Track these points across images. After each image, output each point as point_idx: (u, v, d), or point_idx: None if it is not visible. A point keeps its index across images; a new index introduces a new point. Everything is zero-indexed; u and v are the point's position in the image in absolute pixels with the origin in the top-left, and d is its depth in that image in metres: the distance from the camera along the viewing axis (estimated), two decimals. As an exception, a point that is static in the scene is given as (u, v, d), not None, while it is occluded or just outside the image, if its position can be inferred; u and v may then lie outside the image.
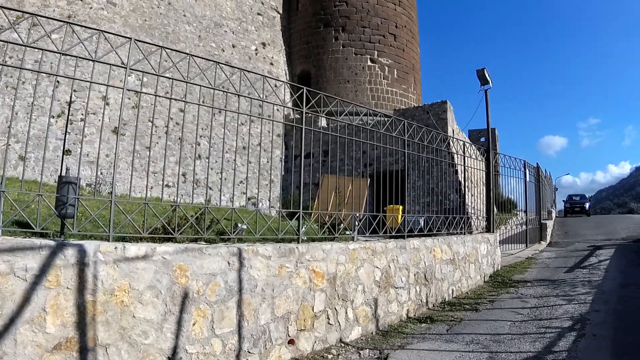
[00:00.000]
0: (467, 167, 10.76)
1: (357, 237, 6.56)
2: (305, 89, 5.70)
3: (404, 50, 26.94)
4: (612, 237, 16.34)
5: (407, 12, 27.85)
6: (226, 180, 17.02)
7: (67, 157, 14.75)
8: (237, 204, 16.22)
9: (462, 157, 10.44)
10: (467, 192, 16.45)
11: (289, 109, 5.76)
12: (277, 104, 5.92)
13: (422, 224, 8.49)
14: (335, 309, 5.37)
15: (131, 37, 4.27)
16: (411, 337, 5.78)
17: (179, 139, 17.40)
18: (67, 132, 15.42)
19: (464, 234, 9.47)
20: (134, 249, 3.59)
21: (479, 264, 9.48)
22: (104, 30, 4.26)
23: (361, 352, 5.20)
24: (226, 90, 5.20)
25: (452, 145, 11.49)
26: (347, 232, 6.77)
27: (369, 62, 25.67)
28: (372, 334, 5.90)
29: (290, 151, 21.33)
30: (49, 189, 9.06)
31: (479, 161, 12.03)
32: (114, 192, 4.14)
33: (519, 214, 18.42)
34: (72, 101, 15.72)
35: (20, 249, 3.08)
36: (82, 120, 15.58)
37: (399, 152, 7.83)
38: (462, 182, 16.73)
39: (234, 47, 23.15)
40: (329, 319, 5.27)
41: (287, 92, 18.57)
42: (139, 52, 4.37)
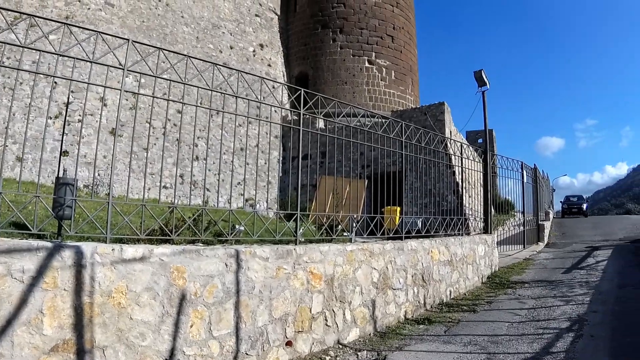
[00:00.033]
0: (464, 169, 10.77)
1: (355, 238, 6.56)
2: (302, 90, 5.71)
3: (401, 51, 26.98)
4: (610, 238, 16.36)
5: (405, 14, 27.90)
6: (224, 181, 17.03)
7: (64, 158, 14.73)
8: (234, 206, 16.21)
9: (460, 158, 10.45)
10: (464, 194, 16.45)
11: (287, 110, 5.75)
12: (275, 106, 5.93)
13: (420, 225, 8.50)
14: (332, 310, 5.37)
15: (129, 39, 4.26)
16: (409, 338, 5.78)
17: (176, 140, 17.37)
18: (64, 133, 15.43)
19: (462, 235, 9.48)
20: (131, 251, 3.59)
21: (476, 265, 9.49)
22: (101, 31, 4.26)
23: (359, 353, 5.20)
24: (224, 91, 5.20)
25: (449, 146, 11.52)
26: (345, 234, 6.77)
27: (367, 64, 25.70)
28: (369, 335, 5.89)
29: (288, 152, 21.34)
30: (47, 190, 9.03)
31: (476, 162, 12.04)
32: (111, 193, 4.13)
33: (516, 215, 18.45)
34: (70, 102, 15.71)
35: (17, 251, 3.07)
36: (79, 121, 15.56)
37: (396, 153, 7.84)
38: (460, 184, 16.72)
39: (231, 48, 23.16)
40: (326, 320, 5.27)
41: (285, 93, 18.59)
42: (136, 54, 4.36)
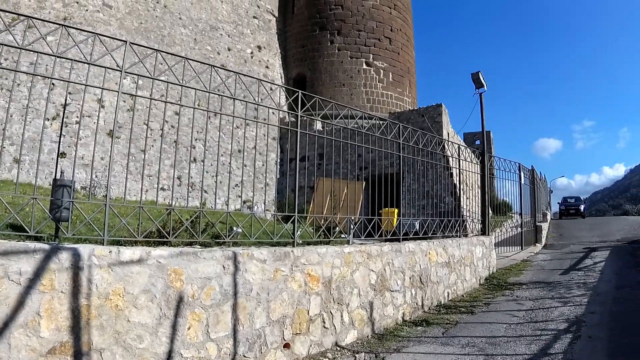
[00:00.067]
0: (462, 170, 10.78)
1: (353, 240, 6.56)
2: (300, 92, 5.71)
3: (399, 53, 27.01)
4: (607, 239, 16.37)
5: (402, 16, 27.93)
6: (221, 183, 17.01)
7: (62, 159, 14.69)
8: (232, 208, 16.20)
9: (457, 160, 10.46)
10: (462, 195, 16.48)
11: (285, 112, 5.76)
12: (273, 108, 5.93)
13: (418, 227, 8.51)
14: (330, 312, 5.37)
15: (127, 40, 4.26)
16: (407, 340, 5.78)
17: (174, 142, 17.37)
18: (62, 134, 15.40)
19: (460, 236, 9.49)
20: (128, 253, 3.58)
21: (474, 266, 9.50)
22: (99, 33, 4.26)
23: (357, 355, 5.19)
24: (221, 93, 5.20)
25: (447, 148, 11.53)
26: (343, 236, 6.77)
27: (364, 66, 25.71)
28: (367, 337, 5.89)
29: (285, 154, 21.33)
30: (44, 192, 9.01)
31: (474, 164, 12.06)
32: (108, 195, 4.12)
33: (514, 216, 18.46)
34: (67, 104, 15.67)
35: (14, 253, 3.06)
36: (77, 122, 15.53)
37: (394, 155, 7.84)
38: (457, 185, 16.76)
39: (229, 50, 23.16)
40: (324, 322, 5.27)
41: (283, 95, 18.60)
42: (134, 55, 4.36)
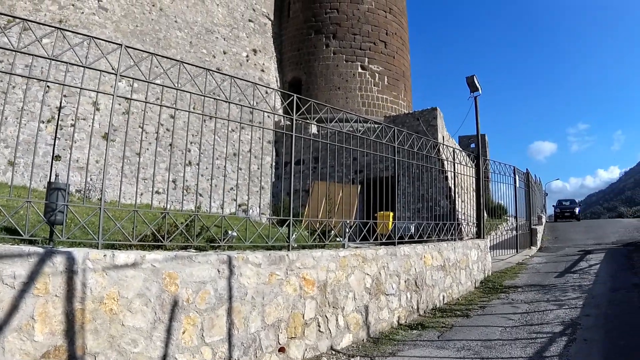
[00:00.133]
0: (457, 174, 10.81)
1: (348, 244, 6.56)
2: (295, 96, 5.72)
3: (394, 57, 27.07)
4: (602, 242, 16.42)
5: (398, 20, 28.02)
6: (216, 186, 17.00)
7: (56, 162, 14.65)
8: (227, 211, 16.19)
9: (452, 163, 10.49)
10: (457, 199, 16.53)
11: (280, 115, 5.77)
12: (268, 111, 5.93)
13: (413, 231, 8.52)
14: (325, 316, 5.36)
15: (122, 44, 4.26)
16: (402, 343, 5.78)
17: (169, 145, 17.30)
18: (56, 137, 15.32)
19: (455, 240, 9.50)
20: (123, 257, 3.57)
21: (469, 270, 9.51)
22: (94, 36, 4.25)
23: (352, 359, 5.19)
24: (217, 97, 5.20)
25: (442, 151, 11.56)
26: (338, 239, 6.77)
27: (360, 69, 25.76)
28: (363, 341, 5.89)
29: (280, 158, 21.32)
30: (38, 195, 8.98)
31: (469, 167, 12.09)
32: (103, 198, 4.11)
33: (509, 219, 18.53)
34: (62, 106, 15.64)
35: (8, 256, 3.05)
36: (72, 125, 15.50)
37: (389, 158, 7.86)
38: (453, 189, 16.78)
39: (225, 53, 23.17)
40: (319, 326, 5.26)
41: (278, 99, 18.61)
42: (129, 58, 4.36)
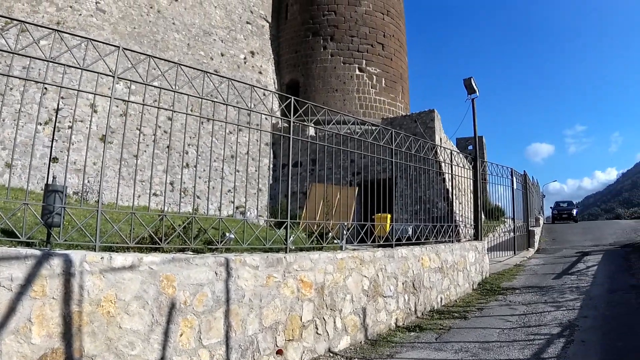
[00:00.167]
0: (454, 176, 10.82)
1: (345, 246, 6.56)
2: (293, 98, 5.72)
3: (392, 59, 27.12)
4: (600, 243, 16.43)
5: (395, 22, 28.07)
6: (214, 189, 16.97)
7: (54, 164, 14.62)
8: (225, 213, 16.18)
9: (450, 165, 10.50)
10: (455, 200, 16.52)
11: (277, 118, 5.79)
12: (265, 114, 5.93)
13: (411, 233, 8.52)
14: (323, 318, 5.36)
15: (119, 46, 4.26)
16: (400, 346, 5.78)
17: (167, 147, 17.32)
18: (54, 139, 15.33)
19: (452, 242, 9.51)
20: (120, 259, 3.57)
21: (467, 271, 9.52)
22: (92, 38, 4.25)
23: (350, 361, 5.19)
24: (214, 99, 5.20)
25: (439, 153, 11.58)
26: (335, 241, 6.77)
27: (357, 71, 25.78)
28: (360, 343, 5.89)
29: (278, 160, 21.31)
30: (36, 197, 8.97)
31: (466, 169, 12.11)
32: (100, 200, 4.10)
33: (506, 221, 18.52)
34: (60, 108, 15.61)
35: (5, 259, 3.04)
36: (69, 127, 15.47)
37: (386, 161, 7.86)
38: (450, 190, 16.79)
39: (222, 55, 23.17)
40: (317, 328, 5.26)
41: (276, 101, 18.61)
42: (127, 60, 4.36)
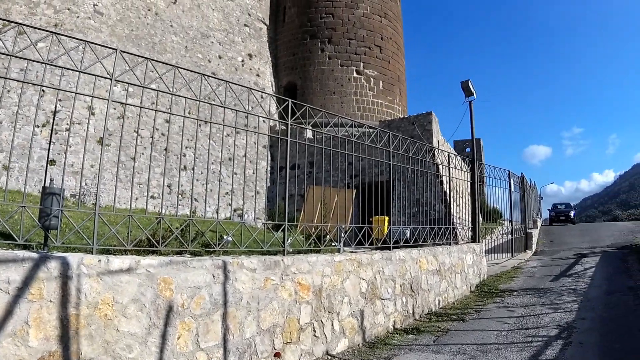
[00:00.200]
0: (452, 178, 10.83)
1: (343, 248, 6.56)
2: (290, 101, 5.73)
3: (389, 62, 27.15)
4: (598, 245, 16.43)
5: (393, 24, 28.12)
6: (212, 191, 16.95)
7: (51, 167, 14.60)
8: (222, 216, 16.16)
9: (447, 168, 10.52)
10: (452, 203, 16.56)
11: (275, 120, 5.78)
12: (263, 116, 5.93)
13: (408, 235, 8.53)
14: (321, 321, 5.36)
15: (117, 48, 4.26)
16: (398, 348, 5.78)
17: (164, 150, 17.30)
18: (51, 141, 15.29)
19: (450, 244, 9.51)
20: (117, 262, 3.56)
21: (465, 274, 9.52)
22: (90, 40, 4.25)
23: (347, 364, 5.19)
24: (212, 102, 5.20)
25: (437, 156, 11.59)
26: (333, 244, 6.77)
27: (355, 74, 25.81)
28: (358, 345, 5.88)
29: (276, 162, 21.33)
30: (33, 200, 8.94)
31: (464, 172, 12.12)
32: (98, 203, 4.10)
33: (504, 223, 18.53)
34: (57, 111, 15.59)
35: (2, 261, 3.03)
36: (67, 130, 15.46)
37: (384, 163, 7.87)
38: (448, 193, 16.84)
39: (220, 58, 23.18)
40: (315, 331, 5.26)
41: (273, 103, 18.63)
42: (125, 63, 4.36)
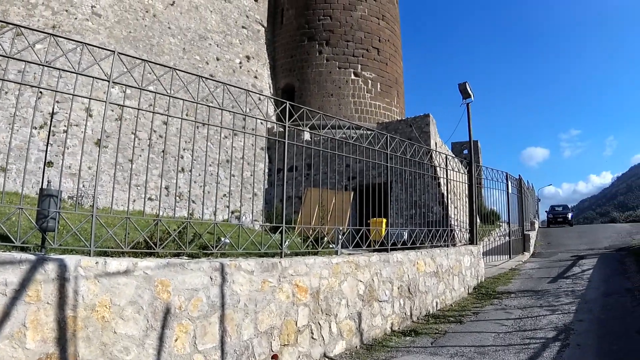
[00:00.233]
0: (450, 180, 10.85)
1: (341, 251, 6.56)
2: (288, 103, 5.73)
3: (387, 64, 27.17)
4: (595, 247, 16.46)
5: (391, 26, 28.15)
6: (209, 193, 16.95)
7: (49, 169, 14.57)
8: (220, 218, 16.14)
9: (445, 170, 10.53)
10: (450, 205, 16.57)
11: (273, 122, 5.79)
12: (261, 118, 5.93)
13: (406, 237, 8.53)
14: (318, 323, 5.35)
15: (115, 50, 4.26)
16: (395, 350, 5.78)
17: (162, 151, 17.27)
18: (49, 143, 15.26)
19: (448, 246, 9.52)
20: (115, 264, 3.55)
21: (462, 276, 9.53)
22: (87, 42, 4.25)
23: (345, 366, 5.19)
24: (210, 104, 5.20)
25: (434, 158, 11.60)
26: (331, 246, 6.77)
27: (353, 76, 25.81)
28: (356, 348, 5.88)
29: (273, 164, 21.32)
30: (31, 202, 8.93)
31: (461, 174, 12.14)
32: (95, 205, 4.10)
33: (502, 225, 18.56)
34: (55, 112, 15.57)
35: (0, 263, 3.03)
36: (64, 131, 15.43)
37: (382, 165, 7.87)
38: (445, 195, 16.85)
39: (218, 60, 23.17)
40: (312, 333, 5.25)
41: (271, 105, 18.62)
42: (122, 65, 4.36)
